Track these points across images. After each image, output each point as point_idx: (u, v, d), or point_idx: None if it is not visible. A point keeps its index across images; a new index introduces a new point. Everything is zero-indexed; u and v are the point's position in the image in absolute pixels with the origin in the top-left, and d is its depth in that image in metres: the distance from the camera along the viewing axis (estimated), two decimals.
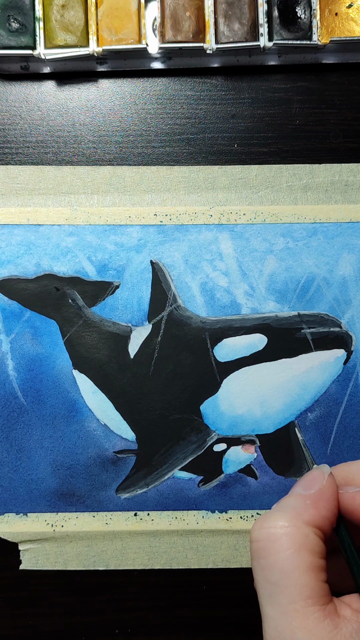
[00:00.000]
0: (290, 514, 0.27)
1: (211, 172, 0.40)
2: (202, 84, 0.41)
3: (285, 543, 0.26)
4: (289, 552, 0.26)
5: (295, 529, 0.26)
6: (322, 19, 0.39)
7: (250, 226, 0.40)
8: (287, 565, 0.25)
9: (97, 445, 0.40)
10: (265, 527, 0.26)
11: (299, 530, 0.26)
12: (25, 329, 0.40)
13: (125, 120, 0.41)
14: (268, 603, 0.26)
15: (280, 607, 0.25)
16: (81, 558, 0.40)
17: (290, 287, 0.40)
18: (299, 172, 0.40)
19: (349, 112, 0.41)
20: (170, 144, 0.41)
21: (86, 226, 0.40)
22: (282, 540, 0.26)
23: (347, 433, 0.40)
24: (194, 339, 0.40)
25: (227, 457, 0.40)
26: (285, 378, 0.39)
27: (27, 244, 0.40)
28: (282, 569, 0.25)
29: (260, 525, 0.27)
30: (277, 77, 0.41)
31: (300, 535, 0.26)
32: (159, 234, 0.40)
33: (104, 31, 0.39)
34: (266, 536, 0.26)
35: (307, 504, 0.27)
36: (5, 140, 0.41)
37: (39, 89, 0.41)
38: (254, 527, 0.27)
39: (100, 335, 0.40)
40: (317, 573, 0.26)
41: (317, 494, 0.28)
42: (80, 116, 0.41)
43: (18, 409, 0.40)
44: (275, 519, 0.27)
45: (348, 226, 0.40)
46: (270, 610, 0.26)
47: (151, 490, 0.39)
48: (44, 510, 0.39)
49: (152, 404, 0.40)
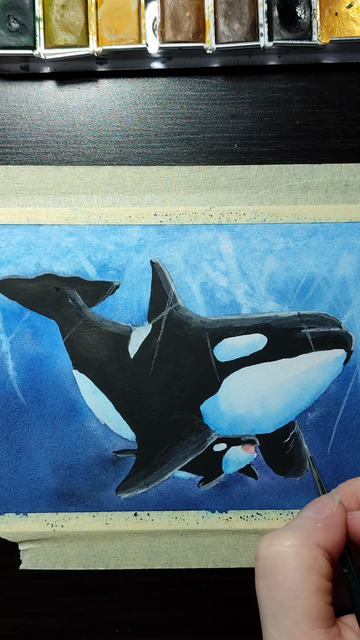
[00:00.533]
0: (301, 535, 0.26)
1: (211, 172, 0.40)
2: (202, 84, 0.41)
3: (294, 562, 0.25)
4: (298, 573, 0.25)
5: (306, 549, 0.26)
6: (322, 19, 0.39)
7: (250, 226, 0.40)
8: (296, 586, 0.25)
9: (97, 445, 0.40)
10: (274, 544, 0.26)
11: (310, 551, 0.26)
12: (25, 329, 0.40)
13: (125, 120, 0.41)
14: (272, 624, 0.25)
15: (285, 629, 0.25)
16: (81, 558, 0.40)
17: (290, 287, 0.40)
18: (299, 172, 0.40)
19: (349, 112, 0.41)
20: (170, 144, 0.41)
21: (86, 226, 0.40)
22: (292, 559, 0.25)
23: (347, 433, 0.40)
24: (194, 339, 0.40)
25: (227, 457, 0.40)
26: (285, 378, 0.39)
27: (27, 244, 0.40)
28: (290, 589, 0.25)
29: (269, 543, 0.26)
30: (277, 77, 0.41)
31: (311, 556, 0.26)
32: (159, 234, 0.40)
33: (104, 31, 0.39)
34: (275, 554, 0.26)
35: (319, 527, 0.27)
36: (5, 140, 0.41)
37: (39, 89, 0.41)
38: (261, 545, 0.26)
39: (100, 335, 0.40)
40: (324, 595, 0.25)
41: (328, 518, 0.27)
42: (80, 116, 0.41)
43: (18, 409, 0.40)
44: (285, 537, 0.26)
45: (348, 226, 0.40)
46: (273, 631, 0.25)
47: (151, 490, 0.40)
48: (44, 510, 0.39)
49: (152, 404, 0.40)
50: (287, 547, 0.26)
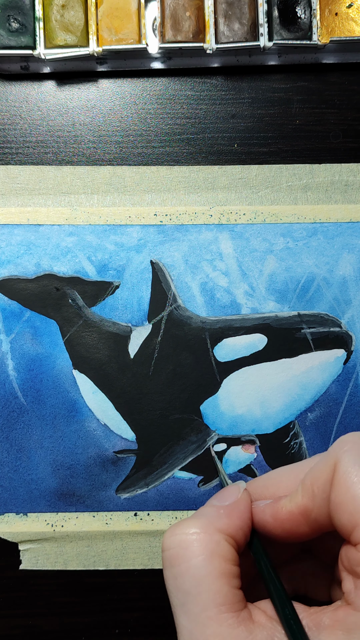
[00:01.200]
0: (202, 521, 0.26)
1: (211, 172, 0.40)
2: (202, 84, 0.41)
3: (196, 549, 0.25)
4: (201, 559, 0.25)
5: (207, 535, 0.26)
6: (322, 19, 0.39)
7: (250, 226, 0.40)
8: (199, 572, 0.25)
9: (97, 445, 0.40)
10: (177, 534, 0.26)
11: (211, 536, 0.26)
12: (25, 329, 0.40)
13: (125, 120, 0.41)
14: (181, 612, 0.25)
15: (193, 616, 0.25)
16: (81, 558, 0.40)
17: (290, 287, 0.40)
18: (299, 172, 0.40)
19: (349, 112, 0.41)
20: (170, 144, 0.41)
21: (86, 226, 0.40)
22: (194, 546, 0.25)
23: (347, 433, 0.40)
24: (194, 339, 0.40)
25: (227, 457, 0.40)
26: (285, 378, 0.39)
27: (27, 244, 0.40)
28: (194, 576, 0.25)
29: (172, 533, 0.26)
30: (277, 77, 0.41)
31: (212, 541, 0.26)
32: (159, 234, 0.40)
33: (104, 31, 0.39)
34: (178, 543, 0.26)
35: (221, 513, 0.27)
36: (5, 140, 0.41)
37: (39, 89, 0.41)
38: (165, 535, 0.26)
39: (100, 335, 0.40)
40: (230, 579, 0.25)
41: (231, 505, 0.27)
42: (80, 116, 0.41)
43: (18, 409, 0.40)
44: (187, 526, 0.26)
45: (348, 226, 0.40)
46: (184, 619, 0.25)
47: (151, 490, 0.40)
48: (44, 510, 0.39)
49: (152, 404, 0.40)
50: (189, 534, 0.26)
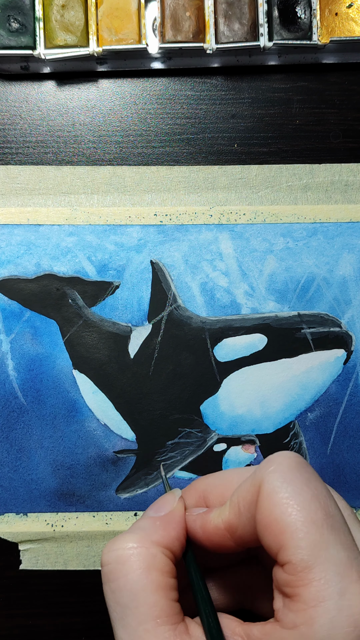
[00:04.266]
0: (139, 535, 0.26)
1: (211, 172, 0.40)
2: (202, 84, 0.41)
3: (134, 564, 0.25)
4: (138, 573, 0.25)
5: (144, 549, 0.26)
6: (322, 19, 0.39)
7: (250, 226, 0.40)
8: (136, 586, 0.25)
9: (97, 445, 0.40)
10: (114, 549, 0.26)
11: (147, 550, 0.26)
12: (25, 329, 0.40)
13: (125, 120, 0.41)
14: (120, 626, 0.25)
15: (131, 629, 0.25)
16: (81, 558, 0.40)
17: (290, 287, 0.40)
18: (299, 172, 0.40)
19: (349, 112, 0.41)
20: (170, 144, 0.41)
21: (86, 226, 0.40)
22: (131, 561, 0.25)
23: (347, 433, 0.40)
24: (194, 339, 0.40)
25: (227, 457, 0.40)
26: (285, 378, 0.39)
27: (27, 244, 0.40)
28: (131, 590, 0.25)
29: (110, 548, 0.26)
30: (277, 77, 0.41)
31: (149, 555, 0.26)
32: (159, 234, 0.40)
33: (104, 31, 0.39)
34: (115, 559, 0.26)
35: (157, 525, 0.27)
36: (5, 140, 0.41)
37: (39, 89, 0.41)
38: (104, 551, 0.26)
39: (100, 335, 0.40)
40: (166, 592, 0.25)
41: (167, 515, 0.27)
42: (80, 116, 0.41)
43: (18, 409, 0.40)
44: (124, 540, 0.26)
45: (348, 226, 0.40)
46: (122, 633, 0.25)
47: (151, 490, 0.39)
48: (44, 510, 0.39)
49: (152, 404, 0.40)
50: (126, 549, 0.26)
